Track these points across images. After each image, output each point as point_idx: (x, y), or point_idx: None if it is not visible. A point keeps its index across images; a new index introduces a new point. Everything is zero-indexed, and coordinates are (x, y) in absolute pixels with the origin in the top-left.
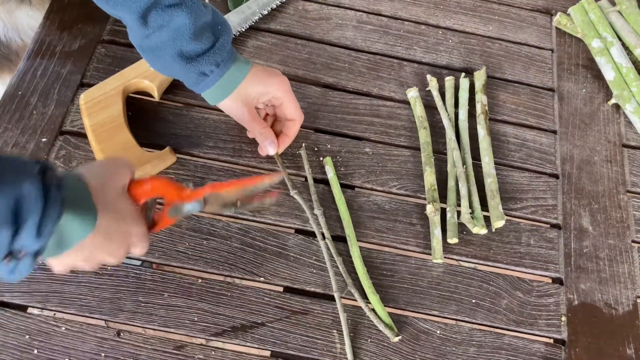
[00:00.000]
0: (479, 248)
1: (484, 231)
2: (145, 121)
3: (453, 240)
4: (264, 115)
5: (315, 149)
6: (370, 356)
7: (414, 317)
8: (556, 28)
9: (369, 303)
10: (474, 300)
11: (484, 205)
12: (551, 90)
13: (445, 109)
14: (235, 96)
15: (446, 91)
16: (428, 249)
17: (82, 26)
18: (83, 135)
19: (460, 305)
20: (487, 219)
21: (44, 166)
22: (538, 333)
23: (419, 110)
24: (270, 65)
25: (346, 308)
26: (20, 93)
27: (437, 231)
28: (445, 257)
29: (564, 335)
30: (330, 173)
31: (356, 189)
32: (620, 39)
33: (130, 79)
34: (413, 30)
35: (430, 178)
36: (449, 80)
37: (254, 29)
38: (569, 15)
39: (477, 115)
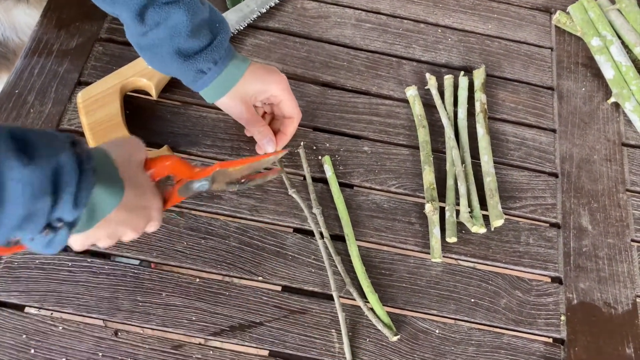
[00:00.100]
0: (478, 247)
1: (483, 230)
2: (142, 120)
3: (452, 239)
4: (261, 114)
5: (314, 148)
6: (369, 355)
7: (412, 317)
8: (555, 26)
9: (368, 302)
10: (473, 300)
11: (483, 204)
12: (550, 88)
13: (445, 107)
14: (233, 94)
15: (445, 90)
16: (427, 248)
17: (80, 24)
18: (80, 134)
19: (459, 305)
20: (486, 218)
21: (74, 139)
22: (537, 332)
23: (417, 109)
24: (269, 64)
25: (345, 307)
26: (17, 91)
27: (436, 230)
28: (444, 256)
29: (563, 334)
30: (329, 172)
31: (355, 188)
32: (619, 38)
33: (127, 77)
34: (412, 28)
35: (429, 177)
36: (448, 79)
37: (252, 27)
38: (568, 13)
39: (476, 114)
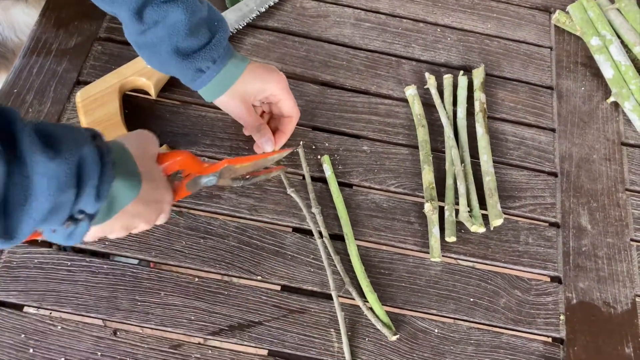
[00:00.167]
0: (477, 246)
1: (482, 230)
2: (142, 119)
3: (451, 238)
4: (260, 113)
5: (313, 147)
6: (368, 355)
7: (412, 316)
8: (555, 26)
9: (367, 302)
10: (472, 299)
11: (482, 204)
12: (550, 88)
13: (444, 107)
14: (232, 93)
15: (444, 89)
16: (426, 247)
17: (78, 24)
18: None
19: (458, 304)
20: (486, 218)
21: (94, 132)
22: (536, 332)
23: (417, 108)
24: (268, 63)
25: (344, 307)
26: (16, 91)
27: (435, 230)
28: (443, 256)
29: (563, 334)
30: (328, 171)
31: (354, 187)
32: (619, 37)
33: (126, 76)
34: (411, 27)
35: (428, 176)
36: (447, 78)
37: (251, 26)
38: (567, 12)
39: (476, 113)
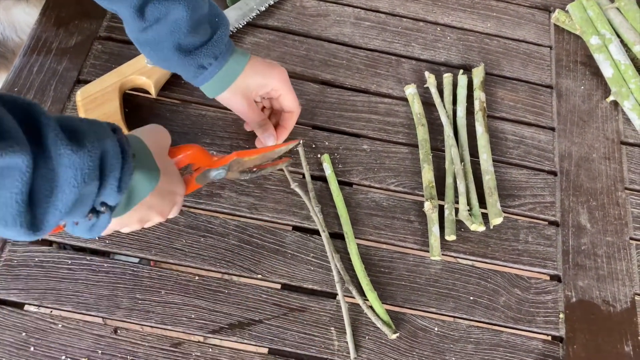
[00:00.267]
0: (477, 245)
1: (482, 228)
2: (142, 118)
3: (451, 237)
4: (260, 108)
5: (313, 146)
6: (368, 353)
7: (411, 314)
8: (554, 25)
9: (367, 300)
10: (471, 298)
11: (482, 203)
12: (549, 87)
13: (444, 106)
14: (234, 88)
15: (444, 88)
16: (426, 246)
17: (79, 22)
18: None
19: (458, 303)
20: (485, 216)
21: (114, 126)
22: (536, 330)
23: (417, 107)
24: None
25: None
26: (16, 90)
27: (435, 228)
28: (443, 254)
29: (562, 332)
30: (328, 170)
31: (354, 186)
32: (618, 36)
33: (127, 75)
34: (411, 27)
35: (428, 175)
36: (447, 77)
37: (251, 25)
38: (567, 12)
39: (475, 112)
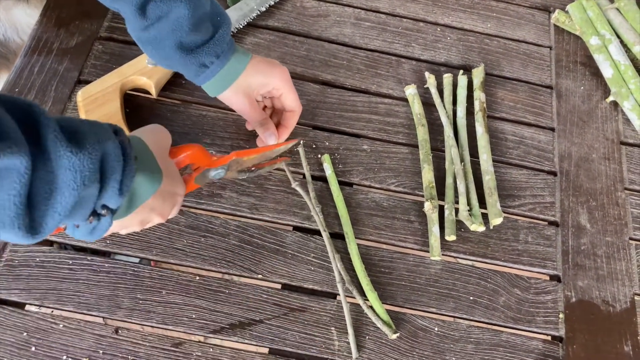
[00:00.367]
0: (477, 245)
1: (481, 228)
2: (142, 118)
3: (451, 237)
4: (262, 107)
5: (314, 146)
6: (369, 353)
7: (412, 314)
8: (554, 25)
9: (367, 300)
10: (471, 298)
11: (482, 203)
12: (549, 87)
13: (444, 106)
14: (236, 87)
15: (444, 88)
16: (426, 246)
17: (79, 23)
18: None
19: (458, 303)
20: (485, 216)
21: (116, 128)
22: (536, 330)
23: (417, 108)
24: None
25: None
26: (17, 90)
27: (435, 228)
28: (443, 255)
29: (562, 332)
30: (329, 170)
31: (354, 186)
32: (618, 36)
33: (127, 76)
34: (411, 27)
35: (428, 175)
36: (447, 78)
37: (252, 25)
38: (567, 12)
39: (475, 113)
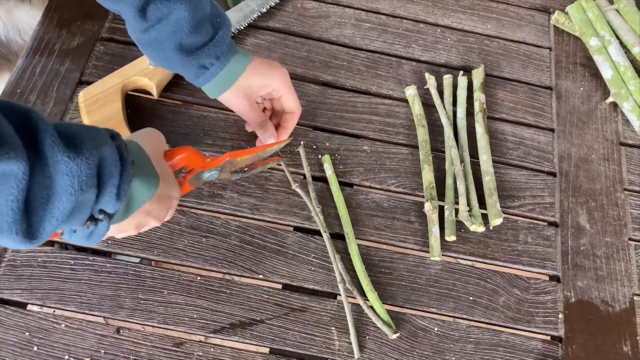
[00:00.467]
0: (477, 246)
1: (481, 229)
2: (144, 119)
3: (451, 237)
4: (261, 109)
5: (314, 147)
6: (369, 353)
7: (412, 315)
8: (554, 26)
9: (368, 300)
10: (471, 298)
11: (482, 203)
12: (549, 88)
13: (444, 107)
14: (236, 89)
15: (444, 89)
16: (426, 246)
17: (81, 24)
18: None
19: (458, 303)
20: (485, 217)
21: (113, 133)
22: (535, 330)
23: (417, 109)
24: None
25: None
26: (19, 91)
27: (435, 229)
28: (443, 255)
29: (561, 332)
30: (329, 171)
31: (355, 187)
32: (618, 38)
33: (129, 76)
34: (411, 28)
35: (428, 176)
36: (447, 79)
37: (252, 26)
38: (567, 13)
39: (475, 114)
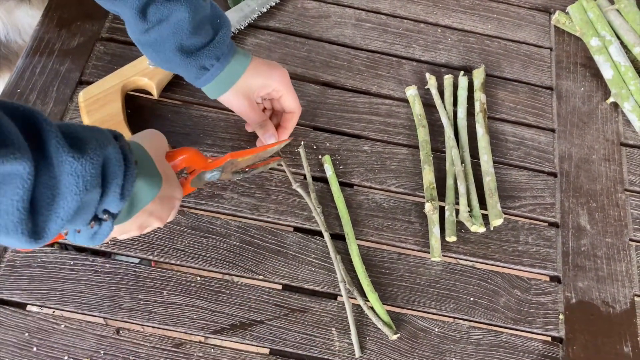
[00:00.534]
0: (477, 246)
1: (482, 229)
2: (144, 119)
3: (451, 238)
4: (261, 109)
5: (314, 147)
6: (369, 354)
7: (412, 315)
8: (555, 26)
9: (368, 301)
10: (472, 298)
11: (483, 204)
12: (550, 88)
13: (444, 107)
14: (236, 89)
15: (445, 89)
16: (426, 247)
17: (81, 24)
18: None
19: (458, 303)
20: (486, 217)
21: (116, 133)
22: (536, 331)
23: (417, 109)
24: None
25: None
26: (19, 91)
27: (436, 229)
28: (443, 255)
29: (562, 333)
30: (329, 171)
31: (355, 187)
32: (618, 38)
33: (129, 76)
34: (412, 28)
35: (428, 176)
36: (447, 79)
37: (253, 26)
38: (567, 13)
39: (476, 114)
